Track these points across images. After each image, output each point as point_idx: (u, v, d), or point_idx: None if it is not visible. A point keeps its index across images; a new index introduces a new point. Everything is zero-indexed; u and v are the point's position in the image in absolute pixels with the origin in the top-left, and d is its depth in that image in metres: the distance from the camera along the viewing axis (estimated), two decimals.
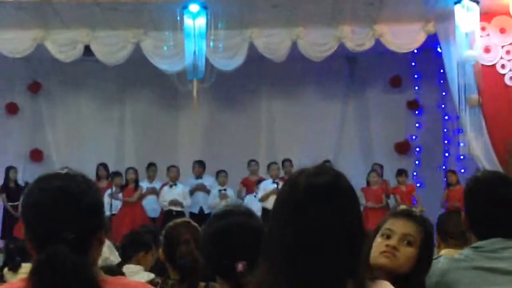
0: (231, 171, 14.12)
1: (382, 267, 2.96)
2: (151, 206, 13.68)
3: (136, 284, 2.20)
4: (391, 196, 13.69)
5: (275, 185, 13.12)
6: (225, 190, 13.76)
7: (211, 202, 13.60)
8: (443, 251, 4.16)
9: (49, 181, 2.17)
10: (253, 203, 12.79)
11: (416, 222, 3.06)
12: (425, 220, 3.11)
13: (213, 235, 2.90)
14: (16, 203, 12.96)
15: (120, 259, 7.06)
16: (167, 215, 12.70)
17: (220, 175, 13.97)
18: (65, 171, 2.22)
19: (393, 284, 2.35)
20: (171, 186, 13.69)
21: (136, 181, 13.63)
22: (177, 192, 13.63)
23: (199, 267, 3.77)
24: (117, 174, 13.85)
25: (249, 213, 2.99)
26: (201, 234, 3.13)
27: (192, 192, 13.93)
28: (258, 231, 2.76)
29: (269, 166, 13.87)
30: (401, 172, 13.90)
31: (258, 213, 7.37)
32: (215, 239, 2.87)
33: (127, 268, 5.75)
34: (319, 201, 2.12)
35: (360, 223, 2.20)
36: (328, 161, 13.52)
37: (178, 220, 4.32)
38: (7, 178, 13.86)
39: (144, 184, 13.81)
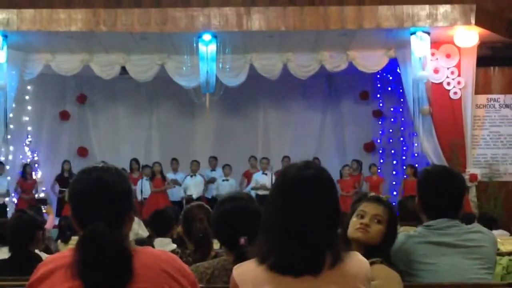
0: (235, 164, 14.11)
1: (357, 240, 3.00)
2: (178, 193, 13.76)
3: (159, 252, 2.18)
4: (364, 183, 13.75)
5: (266, 176, 13.11)
6: (227, 180, 13.74)
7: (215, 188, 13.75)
8: (402, 229, 4.16)
9: (89, 173, 2.16)
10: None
11: (384, 206, 3.09)
12: (391, 205, 3.15)
13: (221, 215, 2.90)
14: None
15: (147, 233, 7.01)
16: (187, 200, 12.76)
17: (225, 168, 13.98)
18: (101, 164, 2.21)
19: (366, 253, 2.35)
20: (191, 176, 13.69)
21: (161, 172, 13.59)
22: (196, 181, 13.65)
23: (210, 240, 3.76)
24: (146, 166, 13.87)
25: (249, 198, 2.99)
26: (212, 214, 3.12)
27: (207, 183, 13.99)
28: (256, 213, 2.76)
29: (261, 160, 13.85)
30: (372, 166, 13.97)
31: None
32: (223, 219, 2.87)
33: (161, 241, 5.70)
34: (305, 189, 2.13)
35: (337, 207, 2.21)
36: (316, 158, 13.56)
37: (194, 203, 4.32)
38: (62, 169, 13.95)
39: (179, 176, 13.86)
